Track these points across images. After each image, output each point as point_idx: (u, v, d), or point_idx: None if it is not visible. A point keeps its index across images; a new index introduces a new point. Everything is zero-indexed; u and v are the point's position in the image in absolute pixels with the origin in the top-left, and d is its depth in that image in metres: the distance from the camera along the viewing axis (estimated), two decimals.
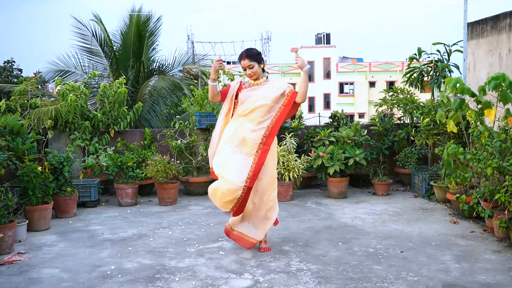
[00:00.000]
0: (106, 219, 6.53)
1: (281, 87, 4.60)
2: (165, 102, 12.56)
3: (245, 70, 4.51)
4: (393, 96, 9.05)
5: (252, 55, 4.51)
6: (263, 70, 4.64)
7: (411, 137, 8.34)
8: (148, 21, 13.28)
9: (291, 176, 7.47)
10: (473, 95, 6.03)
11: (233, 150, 4.52)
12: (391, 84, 42.83)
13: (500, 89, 5.63)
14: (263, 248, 4.92)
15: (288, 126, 8.67)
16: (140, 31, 13.15)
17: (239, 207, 4.58)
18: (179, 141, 8.15)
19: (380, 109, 9.12)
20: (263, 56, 4.78)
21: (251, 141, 4.53)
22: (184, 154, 8.20)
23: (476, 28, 8.91)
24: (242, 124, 4.57)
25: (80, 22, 12.82)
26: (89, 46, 13.16)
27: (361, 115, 44.08)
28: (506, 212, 5.03)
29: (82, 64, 13.14)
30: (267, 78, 4.71)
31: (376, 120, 8.97)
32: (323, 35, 48.65)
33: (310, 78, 46.12)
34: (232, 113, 4.71)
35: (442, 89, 6.68)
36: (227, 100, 4.72)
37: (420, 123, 7.99)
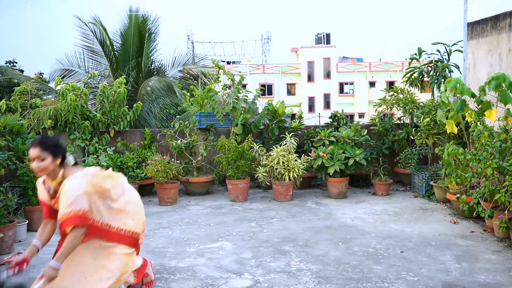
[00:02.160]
0: None
1: (61, 206, 3.17)
2: (164, 102, 12.57)
3: (32, 160, 3.23)
4: (393, 96, 9.06)
5: (45, 145, 3.23)
6: (61, 165, 3.30)
7: (411, 137, 8.34)
8: (147, 21, 13.29)
9: (291, 176, 7.46)
10: (473, 95, 6.03)
11: None
12: (391, 84, 42.81)
13: (500, 89, 5.63)
14: None
15: (288, 126, 8.67)
16: (140, 31, 13.16)
17: None
18: (179, 141, 8.15)
19: (380, 109, 9.13)
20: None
21: None
22: (184, 154, 8.20)
23: (476, 28, 8.90)
24: None
25: (83, 22, 12.85)
26: (91, 45, 13.19)
27: (361, 115, 44.07)
28: (506, 212, 5.03)
29: (86, 64, 13.18)
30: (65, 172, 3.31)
31: (376, 120, 8.97)
32: (323, 35, 48.63)
33: (310, 78, 46.15)
34: None
35: (442, 89, 6.68)
36: None
37: (420, 122, 7.99)
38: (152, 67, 13.82)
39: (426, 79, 9.27)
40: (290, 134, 7.89)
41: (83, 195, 3.20)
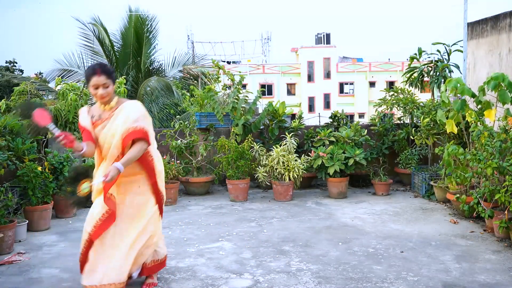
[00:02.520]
0: None
1: (125, 122, 3.55)
2: (163, 102, 12.59)
3: (96, 88, 3.55)
4: (393, 96, 9.06)
5: (109, 72, 3.59)
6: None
7: (411, 137, 8.34)
8: (146, 21, 13.31)
9: (291, 176, 7.47)
10: (473, 95, 6.03)
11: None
12: (391, 84, 42.85)
13: (499, 89, 5.63)
14: None
15: (288, 126, 8.67)
16: (139, 31, 13.18)
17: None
18: (179, 141, 8.15)
19: (380, 109, 9.13)
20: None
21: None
22: (184, 154, 8.19)
23: (476, 28, 8.90)
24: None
25: (83, 23, 12.88)
26: (91, 45, 13.22)
27: (361, 115, 44.10)
28: (506, 212, 5.03)
29: (86, 64, 13.19)
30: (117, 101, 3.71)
31: (376, 120, 8.97)
32: (323, 35, 48.67)
33: (310, 78, 46.15)
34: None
35: (442, 89, 6.68)
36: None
37: (420, 122, 7.99)
38: (152, 67, 13.85)
39: (426, 79, 9.27)
40: (290, 134, 7.89)
41: (143, 117, 3.61)
